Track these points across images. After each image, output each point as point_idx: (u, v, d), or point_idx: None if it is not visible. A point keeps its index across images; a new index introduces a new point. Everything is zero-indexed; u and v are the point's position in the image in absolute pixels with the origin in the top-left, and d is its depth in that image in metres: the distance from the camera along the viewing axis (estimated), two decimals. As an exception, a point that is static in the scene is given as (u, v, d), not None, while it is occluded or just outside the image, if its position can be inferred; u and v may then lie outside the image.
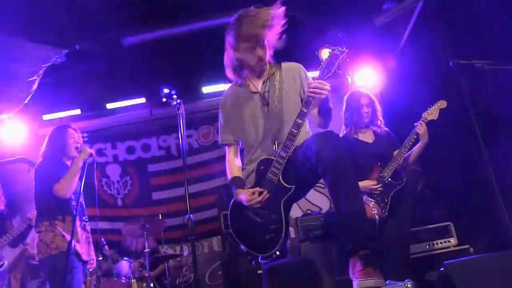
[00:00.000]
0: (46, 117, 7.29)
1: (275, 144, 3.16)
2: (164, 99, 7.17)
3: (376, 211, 4.14)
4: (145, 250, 6.03)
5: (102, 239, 6.17)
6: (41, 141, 4.44)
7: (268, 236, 3.03)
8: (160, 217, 6.71)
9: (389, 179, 4.32)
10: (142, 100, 7.44)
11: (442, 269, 2.74)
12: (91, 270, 5.35)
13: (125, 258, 6.13)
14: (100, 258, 5.82)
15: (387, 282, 2.51)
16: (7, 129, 6.79)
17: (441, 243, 4.86)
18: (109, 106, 7.46)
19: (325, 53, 6.19)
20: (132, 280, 5.95)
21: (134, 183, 8.01)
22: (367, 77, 6.82)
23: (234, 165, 3.43)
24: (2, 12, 3.63)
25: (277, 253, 3.01)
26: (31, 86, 4.59)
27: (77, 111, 7.36)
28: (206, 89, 7.32)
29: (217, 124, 7.57)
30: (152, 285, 5.92)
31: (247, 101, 3.32)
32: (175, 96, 7.16)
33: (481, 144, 4.71)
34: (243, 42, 3.09)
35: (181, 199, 7.41)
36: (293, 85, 3.31)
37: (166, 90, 7.22)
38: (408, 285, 2.36)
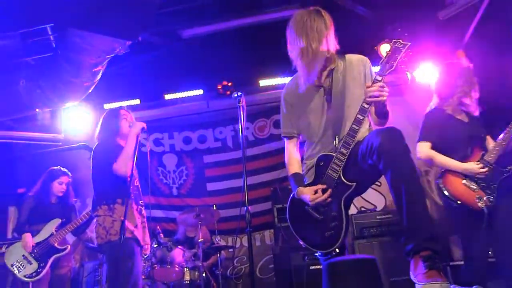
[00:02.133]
0: (107, 106, 7.47)
1: (335, 140, 3.12)
2: (221, 90, 7.32)
3: (482, 199, 3.66)
4: (199, 240, 6.11)
5: (158, 227, 6.35)
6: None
7: (328, 233, 3.01)
8: (214, 208, 6.78)
9: (494, 165, 3.82)
10: (200, 91, 7.51)
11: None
12: (146, 256, 5.53)
13: (179, 247, 6.26)
14: (155, 246, 5.98)
15: (452, 286, 2.43)
16: (71, 117, 7.06)
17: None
18: (167, 97, 7.55)
19: (384, 48, 6.10)
20: (185, 268, 6.06)
21: (189, 173, 8.14)
22: (428, 73, 6.60)
23: (293, 159, 3.40)
24: (71, 7, 3.79)
25: (337, 250, 2.98)
26: (96, 76, 4.72)
27: (137, 101, 7.51)
28: (263, 82, 7.30)
29: (273, 117, 7.81)
30: (204, 274, 6.00)
31: (309, 94, 3.26)
32: (230, 90, 7.28)
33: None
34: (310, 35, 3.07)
35: (235, 191, 7.59)
36: (357, 78, 3.22)
37: (224, 82, 7.35)
38: (476, 291, 2.25)
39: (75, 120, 7.16)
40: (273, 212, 6.40)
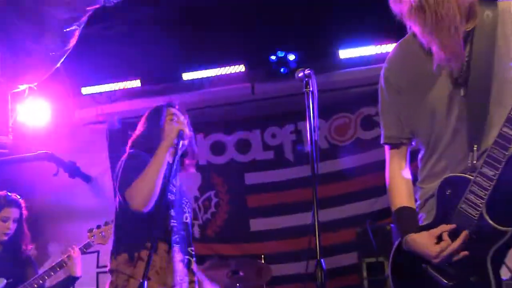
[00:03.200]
0: (86, 90, 7.57)
1: (473, 151, 2.96)
2: (276, 66, 7.21)
3: None
4: (236, 315, 6.02)
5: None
6: (79, 126, 4.49)
7: (464, 311, 2.88)
8: (263, 261, 6.70)
9: None
10: (240, 68, 7.52)
11: None
12: None
13: (204, 324, 6.19)
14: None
15: None
16: (28, 108, 7.04)
17: None
18: (187, 76, 7.59)
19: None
20: None
21: (221, 202, 8.15)
22: None
23: (400, 181, 3.29)
24: None
25: None
26: (68, 41, 4.72)
27: (136, 83, 7.60)
28: (345, 53, 7.23)
29: (362, 111, 7.66)
30: None
31: (430, 71, 3.10)
32: (291, 66, 7.18)
33: None
34: None
35: (297, 232, 7.47)
36: None
37: (280, 53, 7.25)
38: None
39: (33, 115, 7.17)
40: (361, 269, 6.38)
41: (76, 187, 7.70)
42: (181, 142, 4.09)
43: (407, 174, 3.29)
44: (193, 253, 4.27)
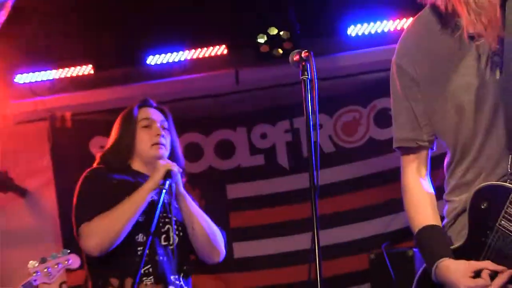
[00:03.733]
0: (20, 79, 7.58)
1: None
2: (266, 47, 7.21)
3: None
4: None
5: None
6: (12, 125, 4.46)
7: None
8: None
9: None
10: (221, 50, 7.55)
11: None
12: None
13: None
14: None
15: None
16: None
17: None
18: (153, 60, 7.60)
19: None
20: None
21: (197, 220, 8.09)
22: None
23: (421, 195, 3.23)
24: None
25: None
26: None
27: (86, 69, 7.59)
28: (354, 30, 7.27)
29: (375, 103, 7.66)
30: None
31: (453, 57, 3.08)
32: (285, 47, 7.19)
33: None
34: None
35: (294, 259, 7.42)
36: None
37: (271, 31, 7.25)
38: None
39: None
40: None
41: (8, 204, 7.70)
42: (167, 183, 4.11)
43: (428, 185, 3.25)
44: (178, 282, 4.27)
